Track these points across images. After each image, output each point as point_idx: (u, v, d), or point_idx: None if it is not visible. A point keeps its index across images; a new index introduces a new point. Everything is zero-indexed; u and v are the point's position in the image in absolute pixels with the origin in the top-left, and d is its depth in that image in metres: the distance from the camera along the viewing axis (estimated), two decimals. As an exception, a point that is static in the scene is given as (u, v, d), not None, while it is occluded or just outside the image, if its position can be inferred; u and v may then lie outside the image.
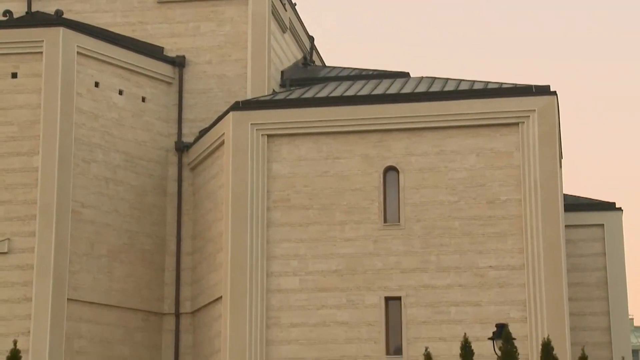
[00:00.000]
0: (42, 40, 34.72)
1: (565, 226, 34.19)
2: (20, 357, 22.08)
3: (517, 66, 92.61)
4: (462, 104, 33.90)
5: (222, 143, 35.04)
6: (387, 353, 32.59)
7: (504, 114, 33.55)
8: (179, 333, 36.52)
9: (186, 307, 36.71)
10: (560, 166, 34.51)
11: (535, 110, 33.18)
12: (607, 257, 40.21)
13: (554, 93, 33.61)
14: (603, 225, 40.59)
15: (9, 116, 34.38)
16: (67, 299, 33.25)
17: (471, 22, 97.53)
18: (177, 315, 36.65)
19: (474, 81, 36.05)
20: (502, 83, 35.22)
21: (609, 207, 41.25)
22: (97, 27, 37.58)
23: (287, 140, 34.57)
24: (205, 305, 35.45)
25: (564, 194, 35.21)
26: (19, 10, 38.92)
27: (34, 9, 39.07)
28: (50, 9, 38.72)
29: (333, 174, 34.01)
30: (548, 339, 24.32)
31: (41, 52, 34.62)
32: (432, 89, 35.49)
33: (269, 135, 34.52)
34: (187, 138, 37.91)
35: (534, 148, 32.84)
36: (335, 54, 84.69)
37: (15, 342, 22.62)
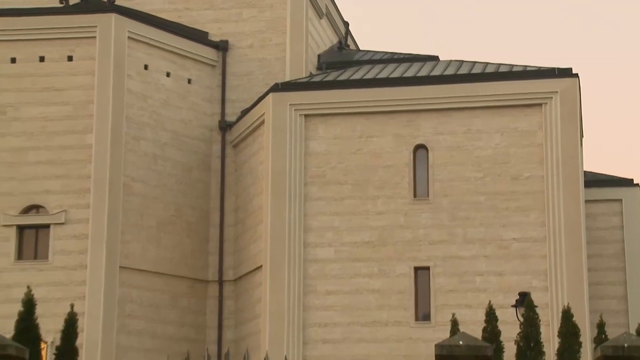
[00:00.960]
0: (96, 26, 34.94)
1: (585, 201, 34.05)
2: (77, 319, 22.25)
3: (541, 48, 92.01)
4: (488, 86, 33.87)
5: (263, 122, 35.18)
6: (416, 319, 32.72)
7: (527, 95, 33.49)
8: (222, 299, 36.72)
9: (229, 275, 36.92)
10: (581, 144, 34.45)
11: (557, 91, 33.08)
12: (624, 230, 39.96)
13: (576, 75, 33.47)
14: (621, 200, 40.34)
15: (65, 97, 34.67)
16: (119, 266, 33.56)
17: (498, 7, 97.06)
18: (221, 282, 36.84)
19: (499, 64, 35.95)
20: (526, 66, 35.13)
21: (627, 183, 40.99)
22: (146, 13, 37.70)
23: (323, 119, 34.65)
24: (247, 274, 35.67)
25: (584, 171, 35.08)
26: (74, -4, 39.19)
27: (89, -4, 39.30)
28: (104, -4, 38.98)
29: (366, 152, 34.09)
30: (568, 306, 24.31)
31: (94, 37, 34.84)
32: (460, 72, 35.43)
33: (306, 115, 34.62)
34: (230, 117, 38.03)
35: (556, 127, 32.77)
36: (368, 38, 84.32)
37: (72, 306, 22.82)
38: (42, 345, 22.44)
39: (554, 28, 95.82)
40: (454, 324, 23.62)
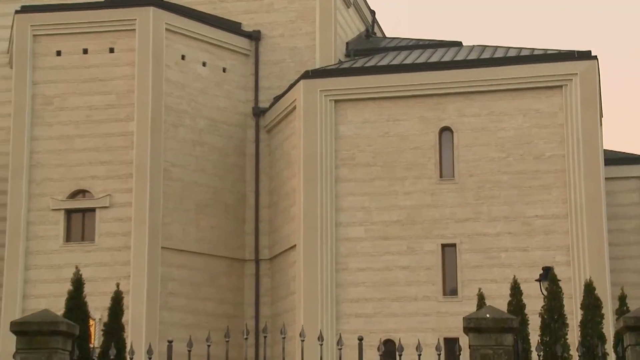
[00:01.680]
0: (135, 19, 35.14)
1: (605, 178, 33.89)
2: (123, 297, 22.45)
3: (561, 31, 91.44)
4: (510, 69, 33.74)
5: (294, 108, 35.25)
6: (444, 294, 32.75)
7: (548, 78, 33.33)
8: (258, 277, 36.92)
9: (265, 254, 37.08)
10: (601, 124, 34.22)
11: (577, 73, 32.91)
12: (644, 207, 39.79)
13: (595, 57, 33.28)
14: (640, 177, 40.13)
15: (108, 86, 34.91)
16: (161, 247, 33.82)
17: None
18: (257, 261, 37.03)
19: (520, 48, 35.79)
20: (546, 49, 34.94)
21: (647, 160, 40.74)
22: (183, 6, 37.79)
23: (352, 104, 34.66)
24: (282, 253, 35.81)
25: (604, 150, 34.87)
26: (114, -8, 39.37)
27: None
28: (143, -9, 39.11)
29: (394, 135, 34.08)
30: (590, 280, 24.25)
31: (134, 30, 35.04)
32: (483, 56, 35.30)
33: (335, 101, 34.64)
34: (263, 104, 38.12)
35: (576, 108, 32.63)
36: (394, 26, 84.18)
37: (117, 285, 23.02)
38: (91, 322, 22.67)
39: (574, 11, 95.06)
40: (480, 297, 23.64)
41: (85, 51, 35.29)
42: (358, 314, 32.76)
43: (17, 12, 36.24)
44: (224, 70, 37.72)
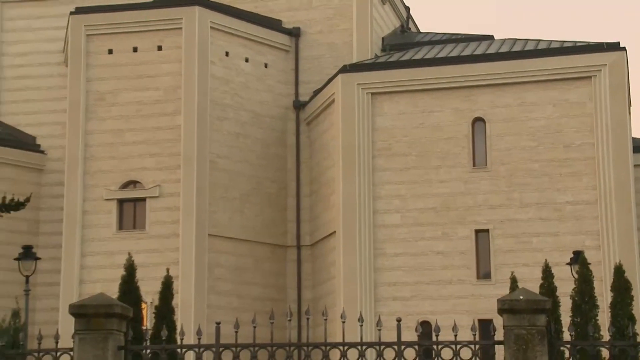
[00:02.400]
0: (182, 18, 35.28)
1: (634, 165, 33.55)
2: (172, 282, 22.54)
3: (590, 23, 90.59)
4: (540, 61, 33.49)
5: (333, 101, 35.24)
6: (478, 277, 32.66)
7: (578, 69, 33.07)
8: (300, 262, 36.98)
9: (306, 240, 37.14)
10: (629, 113, 33.91)
11: (606, 64, 32.61)
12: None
13: (624, 49, 32.94)
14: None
15: (156, 82, 35.11)
16: (208, 234, 33.98)
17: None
18: (298, 247, 37.09)
19: (550, 41, 35.49)
20: (576, 41, 34.65)
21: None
22: (226, 5, 37.85)
23: (388, 97, 34.61)
24: (322, 239, 35.85)
25: (632, 137, 34.52)
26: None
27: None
28: (188, -9, 39.26)
29: (428, 125, 33.97)
30: (620, 263, 23.98)
31: (181, 28, 35.17)
32: (514, 49, 35.07)
33: (372, 93, 34.60)
34: (303, 97, 38.13)
35: (605, 98, 32.34)
36: (428, 21, 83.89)
37: (167, 270, 23.11)
38: (143, 305, 22.82)
39: (603, 2, 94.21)
40: (513, 281, 23.51)
41: (135, 49, 35.51)
42: (395, 297, 32.76)
43: (71, 13, 36.54)
44: (266, 65, 37.76)
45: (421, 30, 46.50)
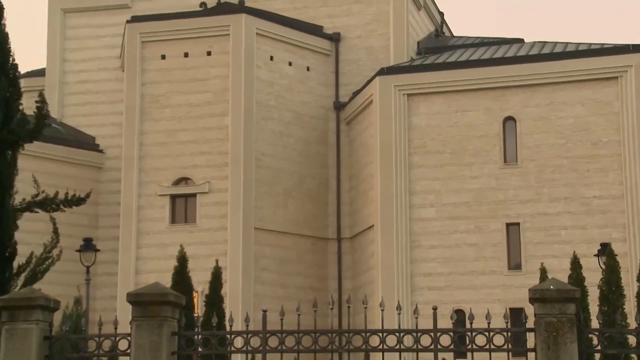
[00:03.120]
0: (229, 25, 35.40)
1: (659, 162, 33.16)
2: (221, 272, 22.68)
3: (617, 25, 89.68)
4: (569, 63, 33.18)
5: (371, 102, 35.18)
6: (509, 268, 32.47)
7: (605, 70, 32.72)
8: (340, 254, 36.95)
9: (346, 233, 37.11)
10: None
11: (632, 65, 32.25)
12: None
13: (648, 51, 32.57)
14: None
15: (206, 85, 35.28)
16: (254, 227, 34.07)
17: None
18: (339, 240, 37.07)
19: (578, 43, 35.14)
20: (603, 43, 34.28)
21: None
22: (271, 12, 37.96)
23: (423, 98, 34.48)
24: (361, 232, 35.80)
25: (657, 135, 34.09)
26: (210, 2, 39.64)
27: (223, 0, 39.60)
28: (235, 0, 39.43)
29: (461, 124, 33.80)
30: (645, 255, 23.84)
31: (228, 35, 35.30)
32: (543, 51, 34.77)
33: (408, 95, 34.49)
34: (343, 98, 38.09)
35: (631, 97, 32.00)
36: (461, 25, 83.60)
37: (217, 261, 23.27)
38: (194, 294, 22.99)
39: (630, 5, 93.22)
40: (543, 271, 23.34)
41: (186, 54, 35.70)
42: (430, 287, 32.64)
43: (128, 22, 36.84)
44: (308, 69, 37.79)
45: (454, 34, 46.28)
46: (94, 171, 38.63)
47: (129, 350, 9.81)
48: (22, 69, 15.12)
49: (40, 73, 41.06)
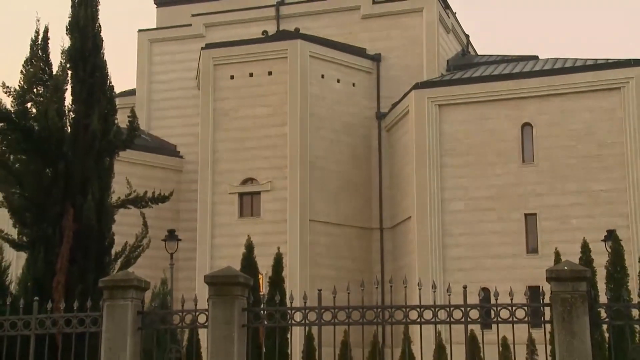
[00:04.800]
0: (287, 49, 35.55)
1: (657, 160, 32.51)
2: (282, 258, 22.67)
3: (621, 41, 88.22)
4: (578, 76, 32.75)
5: (408, 112, 35.03)
6: (527, 252, 32.09)
7: (609, 81, 32.23)
8: (382, 241, 36.82)
9: (387, 223, 36.99)
10: (652, 117, 32.78)
11: (633, 77, 31.75)
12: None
13: (647, 64, 31.97)
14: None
15: (267, 100, 35.45)
16: (309, 220, 34.17)
17: (582, 11, 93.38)
18: (381, 229, 36.94)
19: (586, 59, 34.61)
20: (607, 59, 33.70)
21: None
22: (322, 38, 38.05)
23: (453, 107, 34.24)
24: (400, 222, 35.66)
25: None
26: (271, 29, 39.91)
27: (281, 28, 39.96)
28: (291, 27, 39.53)
29: (485, 130, 33.50)
30: (645, 240, 23.39)
31: (286, 57, 35.45)
32: (555, 67, 34.32)
33: (439, 105, 34.28)
34: (384, 109, 37.98)
35: (632, 105, 31.49)
36: (484, 44, 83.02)
37: (278, 248, 23.27)
38: (260, 276, 23.07)
39: (630, 22, 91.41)
40: (557, 255, 23.03)
41: (250, 74, 35.91)
42: (460, 268, 32.40)
43: (202, 48, 37.18)
44: (353, 84, 37.76)
45: (479, 53, 45.91)
46: (176, 174, 39.07)
47: (206, 323, 9.89)
48: (116, 89, 15.31)
49: (131, 93, 41.67)
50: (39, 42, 14.52)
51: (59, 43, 14.63)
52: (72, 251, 13.63)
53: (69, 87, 14.55)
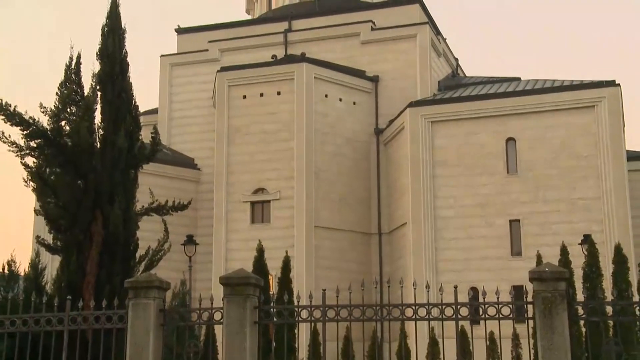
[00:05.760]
0: (294, 71, 35.60)
1: (628, 170, 32.44)
2: (290, 260, 22.63)
3: (594, 63, 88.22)
4: (556, 95, 32.82)
5: (403, 128, 35.04)
6: (512, 255, 32.04)
7: (584, 100, 32.29)
8: (381, 245, 36.63)
9: (385, 229, 36.85)
10: (624, 131, 32.78)
11: (605, 96, 31.76)
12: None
13: (618, 85, 32.01)
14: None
15: (277, 118, 35.45)
16: (314, 226, 34.12)
17: (564, 35, 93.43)
18: (380, 234, 36.78)
19: (563, 80, 34.65)
20: (582, 80, 33.75)
21: (659, 157, 38.71)
22: (325, 61, 38.15)
23: (444, 124, 34.25)
24: (396, 228, 35.57)
25: (626, 150, 33.37)
26: (280, 54, 39.92)
27: (289, 53, 39.93)
28: (298, 52, 39.58)
29: (473, 144, 33.51)
30: (618, 243, 23.34)
31: (293, 79, 35.53)
32: (536, 87, 34.37)
33: (432, 122, 34.29)
34: (382, 125, 37.92)
35: (605, 121, 31.51)
36: (472, 67, 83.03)
37: (286, 252, 23.29)
38: (270, 277, 23.07)
39: (603, 47, 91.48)
40: (539, 257, 23.04)
41: (261, 94, 35.98)
42: (451, 269, 32.34)
43: (218, 71, 37.25)
44: (354, 103, 37.78)
45: (467, 75, 45.91)
46: (193, 184, 39.09)
47: (221, 320, 9.90)
48: (140, 108, 15.37)
49: (154, 111, 41.75)
50: (73, 67, 14.63)
51: (90, 68, 14.74)
52: (101, 255, 13.67)
53: (98, 107, 14.64)
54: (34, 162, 14.33)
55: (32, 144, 14.07)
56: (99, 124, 14.56)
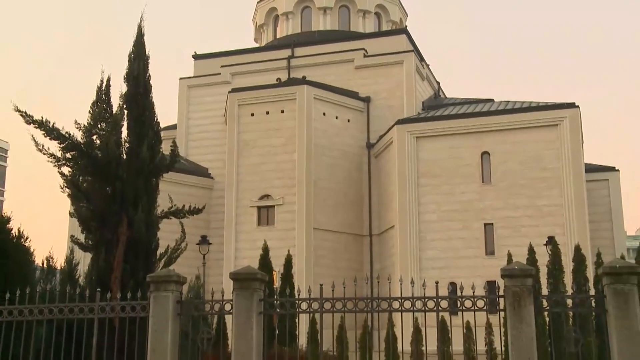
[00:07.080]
0: (295, 92, 35.64)
1: (587, 181, 32.54)
2: (292, 258, 22.59)
3: (558, 87, 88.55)
4: (525, 115, 32.92)
5: (392, 142, 35.05)
6: (486, 254, 32.01)
7: (549, 119, 32.41)
8: (371, 246, 36.59)
9: (375, 231, 36.78)
10: (583, 147, 32.90)
11: (567, 117, 31.89)
12: (610, 198, 37.92)
13: (578, 107, 32.18)
14: (608, 180, 38.24)
15: (280, 133, 35.49)
16: (313, 228, 34.10)
17: (533, 62, 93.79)
18: (370, 236, 36.76)
19: (531, 102, 34.79)
20: (547, 102, 33.92)
21: (611, 169, 38.85)
22: (323, 83, 38.20)
23: (428, 139, 34.28)
24: (385, 230, 35.52)
25: (585, 163, 33.49)
26: (284, 77, 39.91)
27: (291, 76, 39.95)
28: (300, 75, 39.62)
29: (453, 157, 33.54)
30: (578, 244, 23.40)
31: (295, 99, 35.57)
32: (507, 107, 34.45)
33: (417, 137, 34.32)
34: (373, 140, 37.90)
35: (566, 138, 31.65)
36: (452, 89, 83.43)
37: (288, 251, 23.26)
38: (273, 273, 23.03)
39: (565, 72, 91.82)
40: (509, 256, 23.01)
41: (267, 112, 36.02)
42: (433, 267, 32.32)
43: (229, 92, 37.26)
44: (348, 120, 37.83)
45: (448, 96, 46.05)
46: (207, 191, 39.08)
47: (231, 311, 9.91)
48: (161, 124, 15.42)
49: (173, 127, 41.69)
50: (103, 88, 14.71)
51: (118, 89, 14.83)
52: (126, 253, 13.69)
53: (125, 123, 14.69)
54: (69, 172, 14.38)
55: (68, 155, 14.14)
56: (125, 138, 14.60)
